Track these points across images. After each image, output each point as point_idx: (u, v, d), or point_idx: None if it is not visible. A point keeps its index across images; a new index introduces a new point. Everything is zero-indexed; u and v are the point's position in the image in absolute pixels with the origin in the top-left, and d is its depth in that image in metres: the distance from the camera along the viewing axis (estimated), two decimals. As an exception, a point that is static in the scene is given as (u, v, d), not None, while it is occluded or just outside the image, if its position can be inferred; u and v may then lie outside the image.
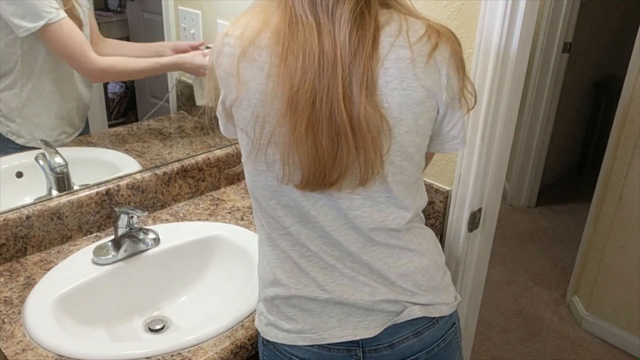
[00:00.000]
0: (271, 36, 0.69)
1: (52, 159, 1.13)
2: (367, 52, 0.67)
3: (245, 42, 0.70)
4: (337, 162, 0.71)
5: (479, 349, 2.08)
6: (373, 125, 0.69)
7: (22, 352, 0.88)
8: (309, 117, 0.68)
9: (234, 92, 0.73)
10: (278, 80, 0.68)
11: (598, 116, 3.31)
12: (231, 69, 0.72)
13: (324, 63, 0.67)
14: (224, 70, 0.73)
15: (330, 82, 0.67)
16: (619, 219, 1.99)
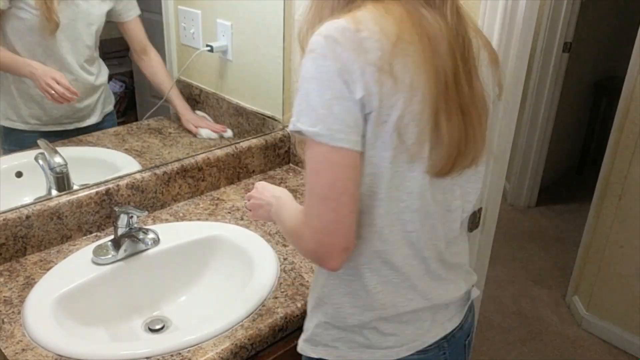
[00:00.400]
0: (405, 28, 0.69)
1: (52, 158, 1.13)
2: (469, 38, 0.75)
3: (392, 37, 0.68)
4: (471, 137, 0.75)
5: (479, 349, 2.08)
6: (483, 101, 0.77)
7: (21, 352, 0.88)
8: (451, 98, 0.72)
9: (386, 89, 0.68)
10: (427, 69, 0.69)
11: (598, 116, 3.31)
12: (383, 64, 0.67)
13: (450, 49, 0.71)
14: (374, 65, 0.67)
15: (455, 64, 0.72)
16: (619, 219, 1.99)
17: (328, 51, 0.67)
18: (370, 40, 0.67)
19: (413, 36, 0.69)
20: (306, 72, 0.68)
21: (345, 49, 0.66)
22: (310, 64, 0.68)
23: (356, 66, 0.66)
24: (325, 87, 0.67)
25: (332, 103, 0.67)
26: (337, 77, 0.66)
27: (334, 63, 0.66)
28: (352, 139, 0.68)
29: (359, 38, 0.67)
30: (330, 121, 0.67)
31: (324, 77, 0.67)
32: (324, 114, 0.67)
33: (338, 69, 0.66)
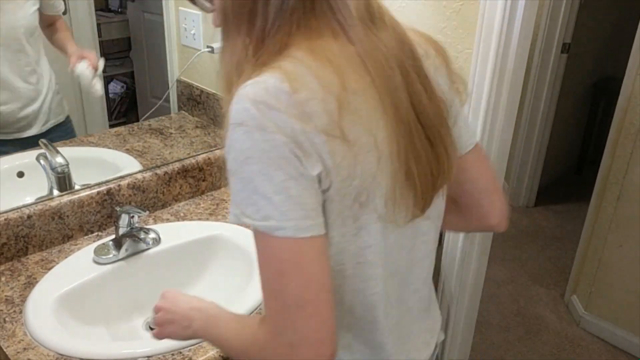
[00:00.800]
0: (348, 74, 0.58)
1: (53, 158, 1.14)
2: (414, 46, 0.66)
3: (336, 91, 0.56)
4: (442, 162, 0.66)
5: (478, 348, 2.08)
6: (445, 112, 0.67)
7: (23, 351, 0.88)
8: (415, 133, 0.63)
9: (343, 161, 0.57)
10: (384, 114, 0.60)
11: (597, 116, 3.31)
12: (332, 130, 0.56)
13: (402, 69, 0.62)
14: (323, 134, 0.55)
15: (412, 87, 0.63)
16: (618, 219, 2.00)
17: (266, 121, 0.54)
18: (312, 102, 0.55)
19: (359, 82, 0.58)
20: (241, 152, 0.54)
21: (287, 116, 0.54)
22: (245, 139, 0.54)
23: (304, 137, 0.54)
24: (274, 167, 0.54)
25: (287, 185, 0.54)
26: (288, 152, 0.54)
27: (279, 136, 0.53)
28: (319, 222, 0.56)
29: (298, 101, 0.54)
30: (289, 209, 0.54)
31: (270, 155, 0.54)
32: (280, 201, 0.54)
33: (285, 142, 0.54)
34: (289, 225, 0.54)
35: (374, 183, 0.61)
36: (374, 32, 0.61)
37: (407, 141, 0.62)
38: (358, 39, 0.59)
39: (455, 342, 1.39)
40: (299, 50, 0.58)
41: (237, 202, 0.56)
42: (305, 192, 0.55)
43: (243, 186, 0.55)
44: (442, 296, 1.33)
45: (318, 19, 0.59)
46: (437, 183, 0.67)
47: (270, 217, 0.54)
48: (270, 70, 0.56)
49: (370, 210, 0.62)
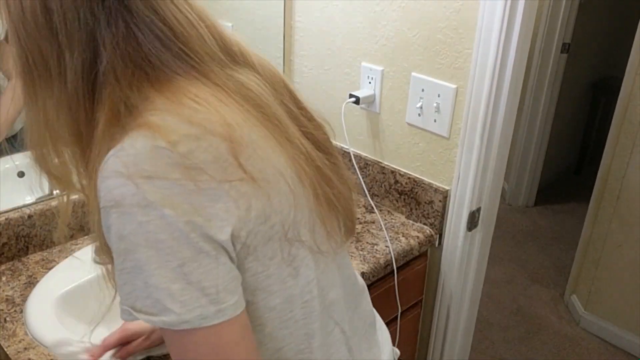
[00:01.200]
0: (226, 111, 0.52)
1: (54, 158, 1.14)
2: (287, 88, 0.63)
3: (220, 131, 0.49)
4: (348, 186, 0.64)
5: (478, 347, 2.09)
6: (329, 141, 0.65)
7: (23, 350, 0.88)
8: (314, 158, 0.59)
9: (257, 203, 0.51)
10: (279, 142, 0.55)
11: (596, 116, 3.32)
12: (232, 172, 0.49)
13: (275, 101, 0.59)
14: (223, 182, 0.49)
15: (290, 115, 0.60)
16: (617, 219, 2.00)
17: (148, 195, 0.45)
18: (198, 152, 0.48)
19: (237, 114, 0.52)
20: (122, 239, 0.47)
21: (172, 180, 0.46)
22: (125, 224, 0.46)
23: (201, 198, 0.47)
24: (165, 251, 0.46)
25: (184, 271, 0.47)
26: (182, 226, 0.46)
27: (168, 210, 0.46)
28: (228, 304, 0.49)
29: (181, 155, 0.47)
30: (190, 297, 0.47)
31: (159, 237, 0.46)
32: (178, 290, 0.46)
33: (175, 216, 0.46)
34: (191, 317, 0.47)
35: (296, 214, 0.56)
36: (235, 70, 0.55)
37: (313, 168, 0.58)
38: (220, 80, 0.54)
39: (455, 342, 1.39)
40: (155, 100, 0.50)
41: (126, 295, 0.49)
42: (208, 273, 0.48)
43: (132, 277, 0.47)
44: (442, 296, 1.33)
45: (158, 69, 0.51)
46: (352, 202, 0.63)
47: (169, 311, 0.47)
48: (134, 131, 0.48)
49: (300, 244, 0.57)
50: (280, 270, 0.55)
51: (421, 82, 1.19)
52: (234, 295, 0.50)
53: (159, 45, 0.51)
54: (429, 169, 1.25)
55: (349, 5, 1.27)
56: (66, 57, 0.50)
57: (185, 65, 0.52)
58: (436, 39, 1.14)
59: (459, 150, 1.17)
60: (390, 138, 1.30)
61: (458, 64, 1.13)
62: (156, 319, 0.48)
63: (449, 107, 1.16)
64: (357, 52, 1.29)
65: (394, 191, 1.32)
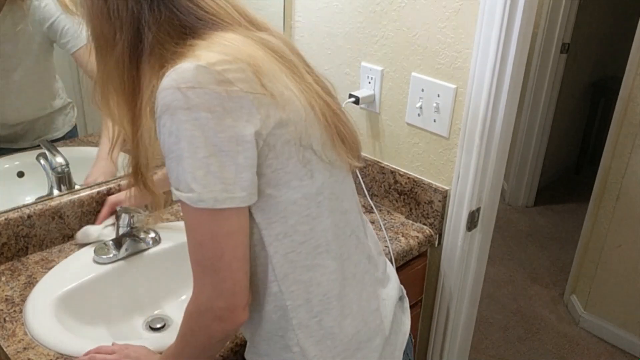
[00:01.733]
0: (251, 45, 0.68)
1: (54, 158, 1.14)
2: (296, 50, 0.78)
3: (246, 58, 0.65)
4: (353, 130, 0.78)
5: (477, 347, 2.09)
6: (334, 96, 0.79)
7: (23, 350, 0.88)
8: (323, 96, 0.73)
9: (275, 112, 0.65)
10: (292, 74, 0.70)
11: (596, 116, 3.32)
12: (255, 88, 0.64)
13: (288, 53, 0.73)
14: (249, 93, 0.63)
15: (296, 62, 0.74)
16: (617, 218, 2.00)
17: (190, 101, 0.60)
18: (230, 71, 0.62)
19: (264, 54, 0.68)
20: (170, 134, 0.62)
21: (209, 89, 0.61)
22: (172, 123, 0.61)
23: (231, 103, 0.61)
24: (195, 144, 0.61)
25: (208, 162, 0.61)
26: (213, 125, 0.61)
27: (203, 112, 0.60)
28: (238, 195, 0.63)
29: (218, 72, 0.62)
30: (209, 182, 0.61)
31: (194, 134, 0.60)
32: (201, 176, 0.61)
33: (208, 118, 0.61)
34: (208, 197, 0.61)
35: (308, 128, 0.69)
36: (259, 33, 0.71)
37: (323, 102, 0.72)
38: (245, 34, 0.69)
39: (454, 341, 1.39)
40: (198, 43, 0.66)
41: (172, 179, 0.64)
42: (226, 167, 0.62)
43: (175, 165, 0.62)
44: (441, 296, 1.33)
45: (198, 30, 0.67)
46: (356, 133, 0.77)
47: (192, 190, 0.62)
48: (182, 59, 0.63)
49: (313, 152, 0.70)
50: (297, 169, 0.68)
51: (421, 82, 1.19)
52: (244, 191, 0.63)
53: (194, 19, 0.67)
54: (428, 169, 1.25)
55: (348, 5, 1.26)
56: (117, 36, 0.67)
57: (217, 27, 0.68)
58: (436, 39, 1.14)
59: (458, 150, 1.17)
60: (390, 138, 1.30)
61: (458, 64, 1.13)
62: (184, 195, 0.62)
63: (448, 107, 1.16)
64: (356, 52, 1.29)
65: (393, 191, 1.32)
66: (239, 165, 0.63)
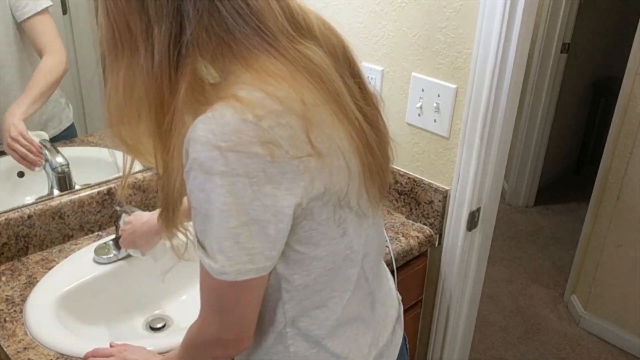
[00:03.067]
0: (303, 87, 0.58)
1: (54, 158, 1.14)
2: (345, 46, 0.70)
3: (298, 109, 0.56)
4: (387, 155, 0.72)
5: (477, 347, 2.09)
6: (377, 110, 0.72)
7: (23, 350, 0.88)
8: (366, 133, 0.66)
9: (319, 179, 0.59)
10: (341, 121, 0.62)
11: (596, 116, 3.32)
12: (303, 148, 0.56)
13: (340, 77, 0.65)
14: (293, 158, 0.55)
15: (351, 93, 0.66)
16: (617, 218, 2.00)
17: (230, 165, 0.53)
18: (277, 128, 0.54)
19: (313, 92, 0.58)
20: (203, 192, 0.55)
21: (252, 153, 0.53)
22: (208, 184, 0.54)
23: (274, 170, 0.54)
24: (228, 213, 0.54)
25: (237, 232, 0.56)
26: (250, 193, 0.54)
27: (242, 179, 0.53)
28: (262, 266, 0.59)
29: (264, 129, 0.53)
30: (235, 254, 0.57)
31: (227, 201, 0.54)
32: (228, 247, 0.56)
33: (245, 184, 0.54)
34: (231, 271, 0.58)
35: (350, 186, 0.63)
36: (302, 44, 0.60)
37: (364, 141, 0.65)
38: (289, 55, 0.59)
39: (455, 341, 1.39)
40: (243, 75, 0.56)
41: (197, 231, 0.59)
42: (254, 239, 0.57)
43: (201, 221, 0.57)
44: (442, 296, 1.33)
45: (239, 42, 0.57)
46: (387, 170, 0.72)
47: (216, 260, 0.57)
48: (222, 102, 0.54)
49: (349, 209, 0.66)
50: (331, 229, 0.64)
51: (421, 82, 1.19)
52: (268, 261, 0.59)
53: (239, 20, 0.56)
54: (428, 169, 1.25)
55: (348, 5, 1.26)
56: (154, 30, 0.56)
57: (262, 40, 0.57)
58: (436, 39, 1.14)
59: (458, 150, 1.17)
60: (390, 138, 1.30)
61: (458, 64, 1.13)
62: (206, 259, 0.58)
63: (448, 107, 1.16)
64: (357, 52, 1.29)
65: (393, 191, 1.32)
66: (269, 237, 0.57)
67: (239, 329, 0.65)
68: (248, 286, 0.61)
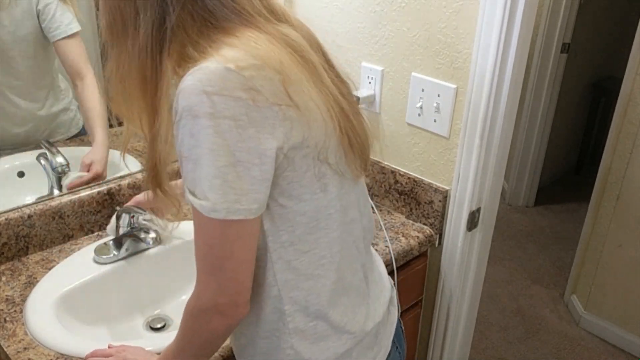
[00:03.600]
0: (281, 52, 0.64)
1: (54, 158, 1.14)
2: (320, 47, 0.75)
3: (276, 65, 0.62)
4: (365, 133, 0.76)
5: (477, 347, 2.09)
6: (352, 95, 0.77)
7: (23, 350, 0.88)
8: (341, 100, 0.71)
9: (298, 127, 0.63)
10: (315, 83, 0.67)
11: (596, 116, 3.32)
12: (282, 98, 0.61)
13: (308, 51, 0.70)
14: (274, 104, 0.61)
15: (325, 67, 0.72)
16: (617, 219, 2.00)
17: (217, 109, 0.58)
18: (258, 79, 0.60)
19: (290, 58, 0.64)
20: (192, 136, 0.59)
21: (237, 97, 0.58)
22: (196, 127, 0.58)
23: (255, 113, 0.59)
24: (216, 153, 0.59)
25: (225, 171, 0.60)
26: (235, 135, 0.59)
27: (228, 121, 0.58)
28: (251, 207, 0.62)
29: (246, 78, 0.59)
30: (224, 192, 0.60)
31: (216, 141, 0.58)
32: (218, 185, 0.60)
33: (231, 127, 0.58)
34: (221, 208, 0.61)
35: (326, 141, 0.67)
36: (280, 26, 0.67)
37: (339, 108, 0.69)
38: (267, 30, 0.65)
39: (455, 341, 1.39)
40: (225, 40, 0.62)
41: (187, 181, 0.62)
42: (242, 179, 0.61)
43: (192, 168, 0.61)
44: (442, 296, 1.33)
45: (221, 21, 0.64)
46: (367, 145, 0.76)
47: (207, 198, 0.61)
48: (210, 58, 0.60)
49: (328, 166, 0.69)
50: (312, 183, 0.68)
51: (421, 82, 1.19)
52: (256, 203, 0.63)
53: (218, 4, 0.64)
54: (428, 169, 1.25)
55: (349, 5, 1.27)
56: (140, 16, 0.63)
57: (240, 19, 0.64)
58: (436, 39, 1.14)
59: (458, 150, 1.17)
60: (390, 138, 1.30)
61: (458, 64, 1.13)
62: (197, 201, 0.61)
63: (448, 107, 1.16)
64: (357, 52, 1.29)
65: (393, 191, 1.32)
66: (254, 178, 0.62)
67: (233, 291, 0.67)
68: (239, 232, 0.63)
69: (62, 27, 1.11)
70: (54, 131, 1.21)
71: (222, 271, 0.65)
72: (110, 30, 0.67)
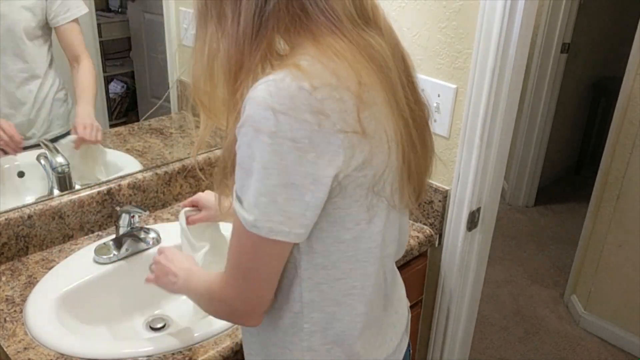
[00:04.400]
0: (362, 68, 0.61)
1: (54, 158, 1.14)
2: (403, 48, 0.71)
3: (353, 87, 0.59)
4: (426, 159, 0.74)
5: (477, 347, 2.09)
6: (425, 118, 0.73)
7: (23, 350, 0.88)
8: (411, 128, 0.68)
9: (360, 154, 0.61)
10: (391, 109, 0.64)
11: (596, 116, 3.32)
12: (351, 124, 0.59)
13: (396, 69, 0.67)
14: (340, 132, 0.58)
15: (404, 87, 0.68)
16: (617, 218, 2.00)
17: (280, 127, 0.56)
18: (329, 101, 0.57)
19: (371, 76, 0.61)
20: (249, 147, 0.58)
21: (303, 120, 0.56)
22: (256, 141, 0.57)
23: (319, 138, 0.57)
24: (269, 171, 0.57)
25: (276, 191, 0.58)
26: (293, 157, 0.57)
27: (289, 142, 0.56)
28: (294, 232, 0.61)
29: (317, 100, 0.57)
30: (270, 212, 0.59)
31: (273, 159, 0.57)
32: (264, 203, 0.59)
33: (291, 148, 0.57)
34: (263, 226, 0.60)
35: (386, 172, 0.65)
36: (366, 32, 0.64)
37: (408, 135, 0.67)
38: (352, 38, 0.62)
39: (455, 341, 1.39)
40: (308, 48, 0.60)
41: (237, 185, 0.62)
42: (291, 202, 0.59)
43: (243, 176, 0.60)
44: (442, 296, 1.33)
45: (310, 20, 0.61)
46: (425, 175, 0.74)
47: (251, 213, 0.60)
48: (287, 68, 0.58)
49: (382, 198, 0.67)
50: (359, 212, 0.65)
51: (421, 82, 1.18)
52: (302, 228, 0.62)
53: (312, 1, 0.61)
54: (429, 169, 1.25)
55: (349, 5, 1.26)
56: (243, 1, 0.61)
57: (328, 21, 0.61)
58: (436, 39, 1.14)
59: (458, 150, 1.17)
60: (390, 138, 1.30)
61: (458, 64, 1.13)
62: (241, 211, 0.61)
63: (449, 107, 1.16)
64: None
65: (394, 191, 1.32)
66: (306, 204, 0.60)
67: (253, 302, 0.66)
68: (273, 252, 0.63)
69: (71, 9, 1.16)
70: (50, 124, 1.20)
71: (246, 281, 0.65)
72: (203, 12, 0.64)
